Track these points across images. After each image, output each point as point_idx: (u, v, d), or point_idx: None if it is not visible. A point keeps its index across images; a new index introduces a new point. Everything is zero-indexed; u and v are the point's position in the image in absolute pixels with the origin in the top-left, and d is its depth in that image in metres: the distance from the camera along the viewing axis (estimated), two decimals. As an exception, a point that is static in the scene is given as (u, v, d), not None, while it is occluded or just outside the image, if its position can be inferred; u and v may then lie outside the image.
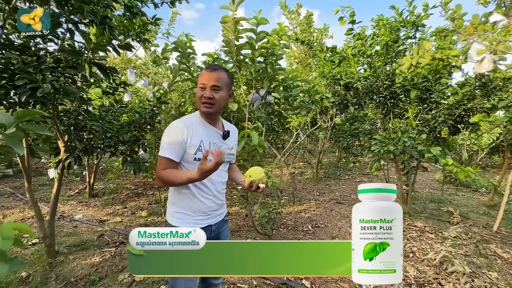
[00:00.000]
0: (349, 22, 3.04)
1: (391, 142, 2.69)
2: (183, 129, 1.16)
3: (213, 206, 1.26)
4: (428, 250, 2.86)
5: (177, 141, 1.15)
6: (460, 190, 5.76)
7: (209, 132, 1.22)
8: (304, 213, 4.07)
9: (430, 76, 2.88)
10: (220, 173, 1.27)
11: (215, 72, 1.16)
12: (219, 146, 1.23)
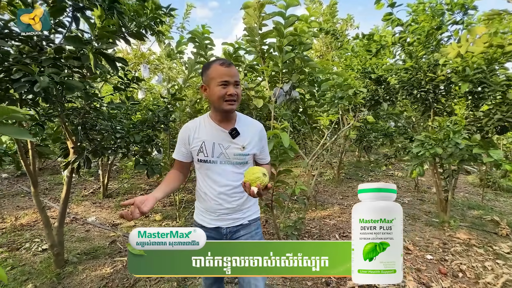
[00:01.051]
0: (388, 5, 2.66)
1: (438, 144, 2.30)
2: (186, 131, 1.20)
3: (221, 209, 1.20)
4: (480, 269, 2.47)
5: (182, 143, 1.21)
6: (500, 195, 5.20)
7: (214, 132, 1.17)
8: (328, 219, 3.74)
9: (485, 66, 2.46)
10: (228, 175, 1.18)
11: (232, 67, 1.12)
12: (227, 146, 1.16)
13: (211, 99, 1.12)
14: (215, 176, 1.17)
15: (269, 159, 1.33)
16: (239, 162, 1.19)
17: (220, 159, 1.16)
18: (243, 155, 1.18)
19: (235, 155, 1.16)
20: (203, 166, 1.18)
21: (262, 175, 0.95)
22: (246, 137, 1.19)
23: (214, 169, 1.17)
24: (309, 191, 2.36)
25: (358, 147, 8.44)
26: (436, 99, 3.02)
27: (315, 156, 2.43)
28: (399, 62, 3.25)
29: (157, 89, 6.61)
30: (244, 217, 1.25)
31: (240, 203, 1.21)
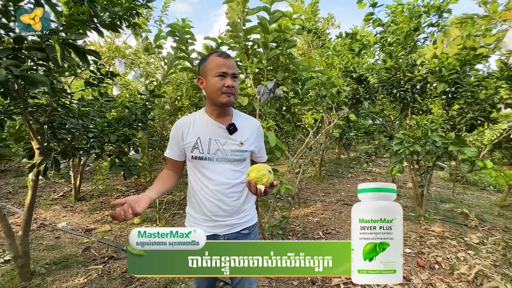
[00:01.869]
0: (370, 5, 2.70)
1: (417, 142, 2.38)
2: (179, 127, 1.13)
3: (218, 211, 1.12)
4: (454, 260, 2.60)
5: (174, 140, 1.14)
6: (468, 189, 5.57)
7: (210, 128, 1.11)
8: (312, 216, 3.78)
9: (459, 67, 2.57)
10: (225, 172, 1.11)
11: (231, 59, 1.08)
12: (224, 142, 1.10)
13: (208, 92, 1.08)
14: (211, 174, 1.10)
15: (266, 158, 1.28)
16: (237, 159, 1.13)
17: (216, 155, 1.10)
18: (241, 152, 1.12)
19: (232, 152, 1.11)
20: (198, 163, 1.11)
21: (268, 172, 0.91)
22: (244, 133, 1.14)
23: (210, 167, 1.10)
24: (294, 190, 2.35)
25: (338, 144, 8.65)
26: (414, 98, 3.13)
27: (300, 155, 2.42)
28: (379, 62, 3.33)
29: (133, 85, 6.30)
30: (242, 223, 1.18)
31: (238, 204, 1.15)
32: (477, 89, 2.58)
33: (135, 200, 0.86)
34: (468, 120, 2.68)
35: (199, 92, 2.84)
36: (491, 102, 2.76)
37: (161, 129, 3.43)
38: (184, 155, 1.15)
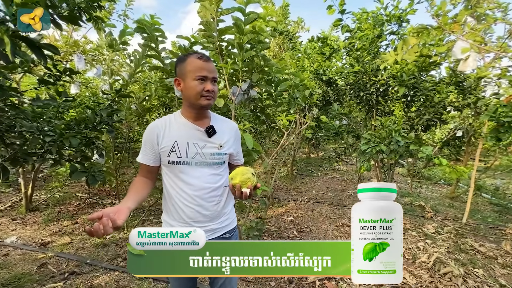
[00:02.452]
0: (338, 11, 2.82)
1: (382, 142, 2.55)
2: (153, 131, 1.07)
3: (198, 217, 1.08)
4: (415, 250, 2.84)
5: (148, 144, 1.08)
6: (423, 183, 6.13)
7: (188, 131, 1.07)
8: (286, 216, 3.84)
9: (416, 73, 2.82)
10: (204, 176, 1.08)
11: (211, 62, 1.05)
12: (202, 145, 1.07)
13: (186, 94, 1.04)
14: (190, 179, 1.06)
15: (243, 160, 1.27)
16: (217, 163, 1.10)
17: (195, 159, 1.06)
18: (221, 155, 1.10)
19: (212, 155, 1.08)
20: (175, 168, 1.07)
21: (252, 175, 0.91)
22: (223, 135, 1.11)
23: (188, 171, 1.06)
24: (270, 191, 2.36)
25: (308, 144, 8.94)
26: (378, 101, 3.36)
27: (275, 156, 2.44)
28: (347, 66, 3.51)
29: (94, 83, 5.83)
30: (223, 227, 1.14)
31: (218, 208, 1.11)
32: (431, 93, 2.85)
33: (114, 211, 0.79)
34: (424, 121, 2.93)
35: (170, 93, 2.72)
36: (443, 105, 3.06)
37: (128, 131, 3.22)
38: (159, 160, 1.09)
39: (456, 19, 2.73)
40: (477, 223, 3.70)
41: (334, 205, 4.29)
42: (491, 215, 4.10)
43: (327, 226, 3.48)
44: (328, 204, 4.31)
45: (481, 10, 3.09)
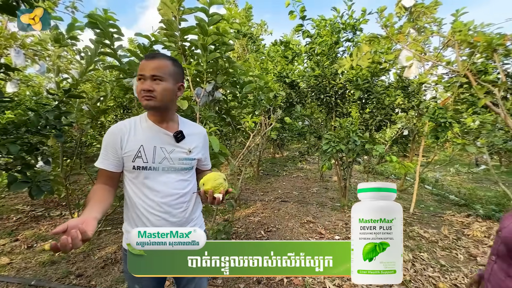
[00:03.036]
0: (299, 17, 2.94)
1: (342, 141, 2.73)
2: (116, 134, 1.01)
3: (164, 225, 1.02)
4: (372, 240, 3.08)
5: (110, 148, 1.00)
6: (377, 178, 6.70)
7: (155, 135, 1.02)
8: (253, 216, 3.87)
9: (369, 78, 3.07)
10: (172, 183, 1.03)
11: (155, 60, 0.98)
12: (170, 150, 1.03)
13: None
14: (157, 185, 1.01)
15: (211, 165, 1.25)
16: (185, 168, 1.06)
17: (162, 165, 1.01)
18: (189, 160, 1.06)
19: (180, 160, 1.04)
20: (140, 174, 1.01)
21: (223, 180, 0.90)
22: (192, 140, 1.08)
23: (155, 177, 1.01)
24: (237, 193, 2.35)
25: (272, 144, 9.13)
26: (336, 103, 3.58)
27: (241, 157, 2.44)
28: (308, 69, 3.68)
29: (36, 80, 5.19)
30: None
31: (185, 214, 1.07)
32: (382, 96, 3.13)
33: (80, 223, 0.72)
34: (377, 121, 3.21)
35: (128, 93, 2.55)
36: (392, 107, 3.38)
37: (80, 135, 2.93)
38: (122, 165, 1.02)
39: (401, 30, 3.04)
40: (422, 212, 4.17)
41: (299, 203, 4.45)
42: (432, 204, 4.65)
43: (292, 224, 3.59)
44: (293, 203, 4.46)
45: (421, 23, 3.49)
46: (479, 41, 2.52)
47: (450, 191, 5.60)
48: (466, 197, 4.90)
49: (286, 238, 3.19)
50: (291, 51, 3.25)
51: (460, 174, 7.77)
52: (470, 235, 3.30)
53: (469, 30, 2.70)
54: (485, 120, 3.08)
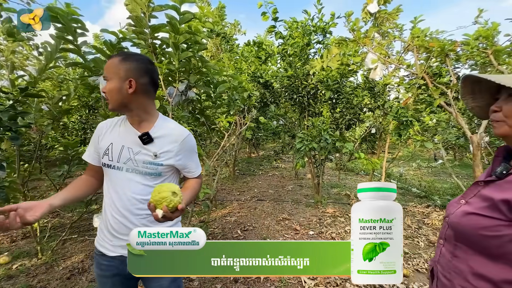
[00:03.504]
0: (272, 19, 2.99)
1: (314, 140, 2.83)
2: (98, 129, 1.07)
3: (122, 229, 1.00)
4: (344, 234, 3.24)
5: (92, 142, 1.07)
6: (348, 175, 7.03)
7: (126, 134, 1.02)
8: (229, 216, 3.86)
9: (339, 79, 3.22)
10: (134, 185, 0.99)
11: (111, 59, 0.98)
12: (136, 152, 1.00)
13: None
14: (118, 186, 1.00)
15: (199, 172, 1.15)
16: (150, 173, 1.00)
17: (126, 165, 1.00)
18: (155, 165, 1.00)
19: (144, 163, 0.99)
20: (107, 172, 1.03)
21: (171, 195, 0.78)
22: (162, 144, 1.01)
23: (118, 177, 1.00)
24: (212, 193, 2.34)
25: (248, 144, 9.17)
26: (309, 103, 3.70)
27: (216, 157, 2.43)
28: (281, 70, 3.76)
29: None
30: None
31: (147, 223, 1.01)
32: (351, 97, 3.30)
33: (29, 207, 0.74)
34: (346, 120, 3.37)
35: (94, 92, 2.42)
36: (360, 107, 3.58)
37: (40, 137, 2.71)
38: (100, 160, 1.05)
39: (367, 35, 3.23)
40: (388, 205, 4.46)
41: (275, 201, 4.53)
42: (397, 197, 5.00)
43: (268, 222, 3.65)
44: (269, 201, 4.52)
45: (384, 29, 3.72)
46: (434, 47, 2.76)
47: (412, 184, 6.06)
48: (426, 189, 5.33)
49: (262, 236, 3.23)
50: (264, 51, 3.30)
51: (421, 169, 8.43)
52: (430, 223, 3.61)
53: (426, 36, 2.94)
54: (441, 119, 3.39)
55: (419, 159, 9.29)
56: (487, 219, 0.62)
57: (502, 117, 0.68)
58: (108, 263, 1.03)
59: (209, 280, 2.26)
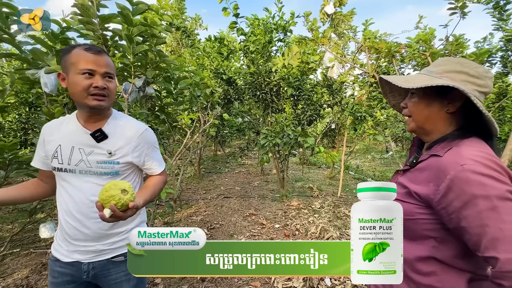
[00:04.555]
0: (233, 14, 2.97)
1: (278, 135, 2.90)
2: (42, 132, 1.00)
3: (76, 235, 0.95)
4: (307, 225, 3.40)
5: (39, 146, 1.01)
6: (311, 168, 7.36)
7: (75, 134, 0.95)
8: (195, 216, 3.78)
9: (299, 76, 3.34)
10: (88, 188, 0.94)
11: (104, 55, 0.93)
12: (88, 152, 0.94)
13: (71, 91, 0.91)
14: (71, 190, 0.95)
15: (162, 169, 1.11)
16: (106, 173, 0.95)
17: (79, 167, 0.94)
18: (111, 164, 0.95)
19: (98, 163, 0.94)
20: (59, 176, 0.98)
21: (120, 192, 0.74)
22: (116, 141, 0.96)
23: (70, 180, 0.95)
24: (175, 193, 2.27)
25: (214, 142, 9.04)
26: (272, 100, 3.77)
27: (179, 156, 2.36)
28: (244, 66, 3.76)
29: None
30: (114, 249, 0.99)
31: (103, 227, 0.96)
32: (311, 94, 3.44)
33: None
34: (307, 116, 3.52)
35: (34, 88, 2.15)
36: (320, 103, 3.76)
37: (-34, 139, 2.33)
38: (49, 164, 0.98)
39: (324, 35, 3.39)
40: (347, 195, 4.79)
41: (241, 197, 4.55)
42: (355, 187, 5.37)
43: (235, 218, 3.66)
44: (235, 198, 4.53)
45: (340, 29, 3.94)
46: (382, 48, 3.02)
47: (368, 174, 6.58)
48: (379, 179, 5.84)
49: (229, 233, 3.23)
50: (226, 47, 3.27)
51: (375, 160, 9.19)
52: (382, 210, 3.96)
53: (375, 38, 3.20)
54: (390, 114, 3.72)
55: (373, 152, 10.12)
56: (406, 204, 0.69)
57: (408, 113, 0.78)
58: (62, 270, 0.98)
59: (174, 282, 2.19)
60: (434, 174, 0.66)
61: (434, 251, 0.68)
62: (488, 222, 0.57)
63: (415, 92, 0.76)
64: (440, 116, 0.73)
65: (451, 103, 0.72)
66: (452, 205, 0.62)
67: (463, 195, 0.60)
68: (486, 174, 0.59)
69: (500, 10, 3.10)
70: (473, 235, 0.60)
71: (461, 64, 0.72)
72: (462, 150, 0.65)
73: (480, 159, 0.62)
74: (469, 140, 0.68)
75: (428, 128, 0.75)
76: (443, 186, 0.63)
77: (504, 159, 1.86)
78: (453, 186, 0.61)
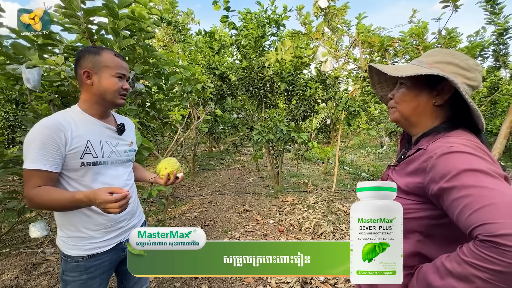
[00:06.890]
0: (224, 8, 2.91)
1: (271, 131, 2.88)
2: (58, 129, 0.91)
3: (123, 216, 1.08)
4: (302, 220, 3.40)
5: (51, 146, 0.90)
6: (306, 164, 7.37)
7: (98, 129, 1.03)
8: (189, 213, 3.76)
9: (293, 71, 3.31)
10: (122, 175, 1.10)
11: (121, 59, 1.05)
12: (115, 143, 1.07)
13: (101, 90, 0.99)
14: (109, 179, 1.04)
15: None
16: (129, 160, 1.15)
17: (111, 158, 1.05)
18: (132, 152, 1.16)
19: (125, 152, 1.11)
20: (90, 171, 0.99)
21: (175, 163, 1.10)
22: (130, 133, 1.17)
23: (105, 172, 1.03)
24: (167, 191, 2.24)
25: (208, 138, 8.98)
26: (265, 95, 3.74)
27: (171, 152, 2.32)
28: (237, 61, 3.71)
29: None
30: (140, 219, 1.20)
31: (135, 203, 1.16)
32: (305, 89, 3.42)
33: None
34: (301, 112, 3.50)
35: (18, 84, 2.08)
36: (314, 99, 3.74)
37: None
38: (61, 165, 0.95)
39: (317, 29, 3.35)
40: (341, 190, 4.81)
41: (236, 194, 4.54)
42: (349, 182, 5.41)
43: (230, 215, 3.65)
44: (230, 194, 4.51)
45: (334, 24, 3.91)
46: (375, 42, 3.00)
47: (362, 169, 6.62)
48: (373, 173, 5.88)
49: (223, 229, 3.22)
50: (217, 42, 3.21)
51: (370, 155, 9.25)
52: (376, 204, 3.99)
53: (369, 32, 3.17)
54: (383, 109, 3.72)
55: (368, 147, 10.18)
56: (397, 199, 0.68)
57: (394, 104, 0.76)
58: (99, 262, 1.03)
59: (168, 280, 2.18)
60: (422, 161, 0.64)
61: (420, 246, 0.67)
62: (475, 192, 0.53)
63: (403, 82, 0.74)
64: (427, 109, 0.72)
65: (439, 95, 0.70)
66: (439, 182, 0.58)
67: (452, 170, 0.56)
68: (473, 153, 0.57)
69: (492, 4, 3.10)
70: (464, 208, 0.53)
71: (452, 55, 0.70)
72: (450, 139, 0.63)
73: (468, 143, 0.60)
74: (456, 132, 0.67)
75: (413, 120, 0.74)
76: (430, 165, 0.61)
77: (495, 152, 1.87)
78: (439, 162, 0.59)
